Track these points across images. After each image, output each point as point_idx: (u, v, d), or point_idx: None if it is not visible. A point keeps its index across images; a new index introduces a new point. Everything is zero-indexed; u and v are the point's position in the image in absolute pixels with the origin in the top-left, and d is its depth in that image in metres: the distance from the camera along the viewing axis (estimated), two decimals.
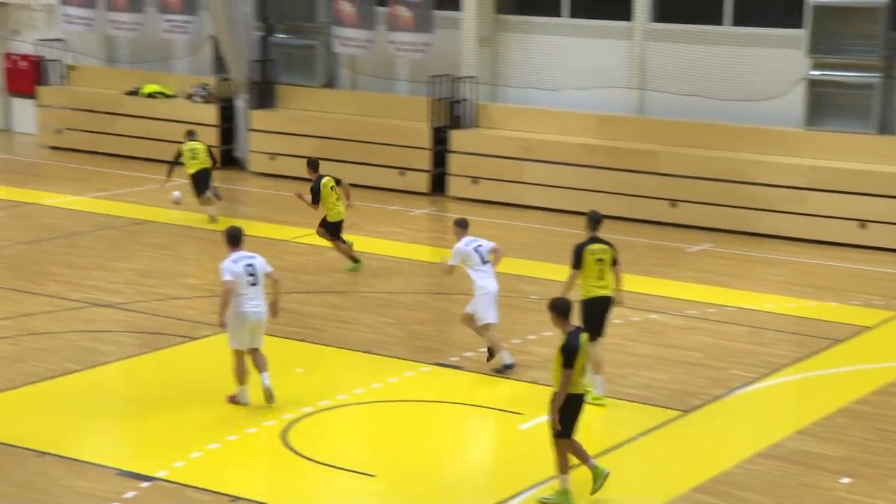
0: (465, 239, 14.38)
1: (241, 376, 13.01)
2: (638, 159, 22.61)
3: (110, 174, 25.20)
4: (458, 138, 24.07)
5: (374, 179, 24.44)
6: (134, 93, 27.26)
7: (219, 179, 25.20)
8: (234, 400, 13.09)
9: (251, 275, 12.80)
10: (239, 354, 12.99)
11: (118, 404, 13.48)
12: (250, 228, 21.24)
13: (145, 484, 11.07)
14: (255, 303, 12.84)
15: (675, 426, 12.95)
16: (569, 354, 10.67)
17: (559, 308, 10.90)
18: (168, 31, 27.15)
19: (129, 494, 10.87)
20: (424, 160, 24.33)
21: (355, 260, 18.65)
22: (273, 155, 25.54)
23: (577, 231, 21.41)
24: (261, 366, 13.00)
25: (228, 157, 26.26)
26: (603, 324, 13.48)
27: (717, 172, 21.98)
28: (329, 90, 26.13)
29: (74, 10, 27.82)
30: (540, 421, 12.99)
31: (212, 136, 26.09)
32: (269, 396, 12.90)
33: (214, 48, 26.58)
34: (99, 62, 28.51)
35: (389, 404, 13.27)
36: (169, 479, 11.20)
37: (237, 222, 21.96)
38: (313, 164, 18.83)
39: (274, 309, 13.06)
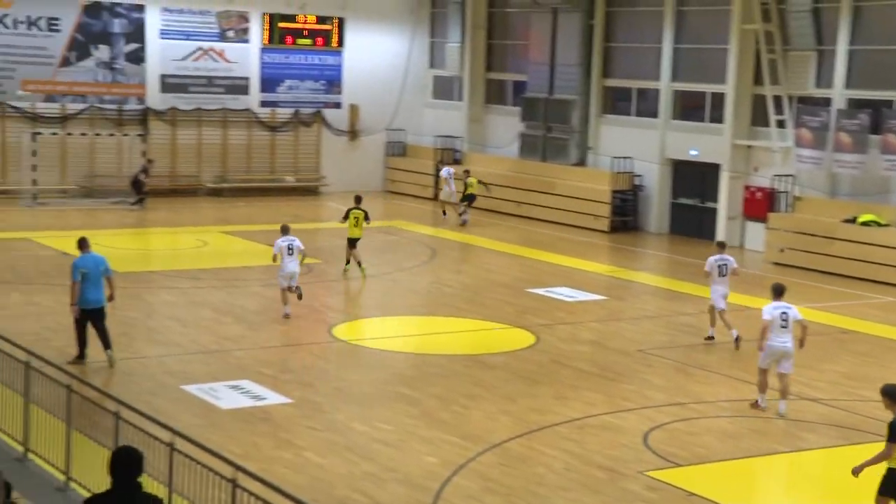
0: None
1: (761, 388, 15.00)
2: None
3: (822, 288, 24.67)
4: None
5: None
6: (851, 221, 26.54)
7: None
8: (754, 405, 15.00)
9: (784, 320, 14.63)
10: (763, 372, 14.94)
11: (815, 487, 13.03)
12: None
13: None
14: (781, 339, 14.70)
15: None
16: (893, 430, 10.28)
17: (890, 393, 10.55)
18: (888, 170, 26.14)
19: None
20: None
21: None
22: None
23: None
24: (783, 391, 14.82)
25: None
26: None
27: None
28: None
29: (806, 152, 27.80)
30: None
31: None
32: (780, 413, 14.65)
33: None
34: (821, 194, 28.14)
35: None
36: None
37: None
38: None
39: (801, 343, 14.75)
